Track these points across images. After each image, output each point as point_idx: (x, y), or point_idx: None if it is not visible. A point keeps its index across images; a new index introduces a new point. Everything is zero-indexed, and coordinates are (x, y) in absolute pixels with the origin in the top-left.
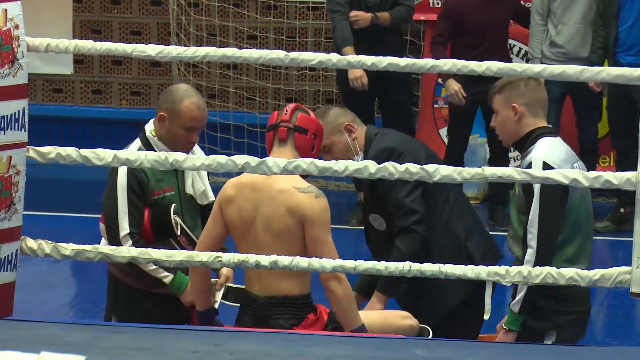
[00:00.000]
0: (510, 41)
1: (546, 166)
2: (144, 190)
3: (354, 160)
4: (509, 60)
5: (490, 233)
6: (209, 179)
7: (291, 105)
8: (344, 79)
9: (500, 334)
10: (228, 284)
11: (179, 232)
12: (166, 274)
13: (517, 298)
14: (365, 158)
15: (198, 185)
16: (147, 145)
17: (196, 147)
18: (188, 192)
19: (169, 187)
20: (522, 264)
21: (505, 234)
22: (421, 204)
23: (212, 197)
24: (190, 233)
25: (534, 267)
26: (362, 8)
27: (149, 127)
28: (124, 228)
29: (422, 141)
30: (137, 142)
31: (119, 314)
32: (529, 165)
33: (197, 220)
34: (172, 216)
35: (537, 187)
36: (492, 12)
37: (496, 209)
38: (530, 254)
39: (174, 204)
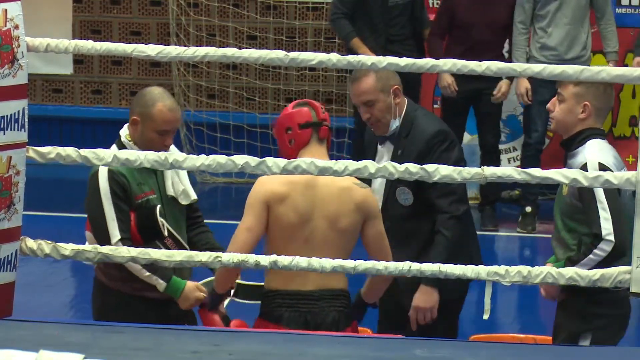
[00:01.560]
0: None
1: (603, 168)
2: (127, 193)
3: (390, 124)
4: (503, 61)
5: (488, 234)
6: (191, 180)
7: (318, 104)
8: None
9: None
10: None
11: (166, 234)
12: (160, 281)
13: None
14: (405, 132)
15: (178, 186)
16: None
17: (172, 148)
18: (169, 194)
19: (150, 189)
20: (563, 266)
21: (493, 234)
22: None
23: (193, 196)
24: (175, 234)
25: (609, 259)
26: (382, 8)
27: (124, 132)
28: (115, 235)
29: None
30: (114, 148)
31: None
32: (584, 167)
33: (180, 222)
34: (159, 219)
35: (601, 191)
36: (486, 10)
37: (484, 210)
38: (609, 245)
39: (159, 206)
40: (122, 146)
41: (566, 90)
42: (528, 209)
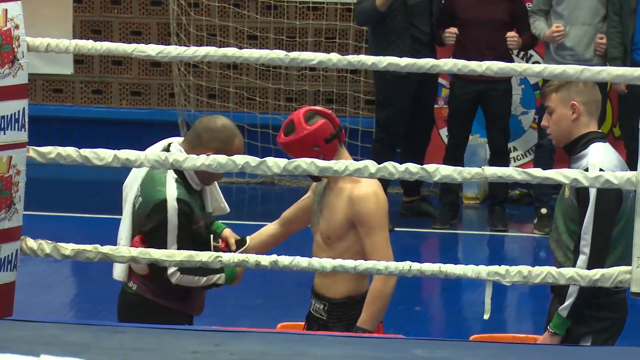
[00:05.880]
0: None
1: None
2: (191, 223)
3: None
4: (508, 61)
5: (489, 234)
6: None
7: (327, 110)
8: (383, 81)
9: (544, 335)
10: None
11: None
12: (218, 275)
13: (566, 303)
14: None
15: (215, 203)
16: (182, 177)
17: None
18: (208, 211)
19: (200, 214)
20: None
21: (502, 234)
22: None
23: (227, 209)
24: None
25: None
26: (404, 10)
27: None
28: (172, 268)
29: None
30: (171, 172)
31: None
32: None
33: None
34: (212, 247)
35: (592, 196)
36: (484, 8)
37: (495, 210)
38: (583, 260)
39: (212, 235)
40: (180, 173)
41: (550, 100)
42: (543, 210)
